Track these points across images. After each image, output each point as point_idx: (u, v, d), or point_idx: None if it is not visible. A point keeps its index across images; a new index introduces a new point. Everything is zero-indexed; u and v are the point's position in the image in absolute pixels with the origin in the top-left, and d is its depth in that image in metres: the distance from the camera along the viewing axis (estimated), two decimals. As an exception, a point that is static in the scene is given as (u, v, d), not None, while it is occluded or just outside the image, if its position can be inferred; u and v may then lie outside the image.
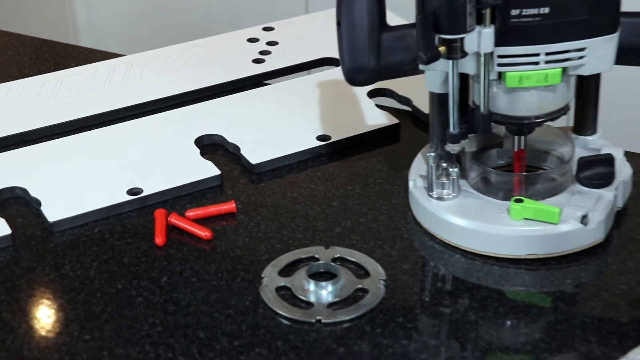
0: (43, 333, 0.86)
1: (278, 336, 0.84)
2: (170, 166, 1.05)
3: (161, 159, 1.07)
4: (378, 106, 1.15)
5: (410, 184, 0.99)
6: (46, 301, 0.90)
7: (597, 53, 0.89)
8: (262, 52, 1.27)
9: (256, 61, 1.25)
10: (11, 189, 1.03)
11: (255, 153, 1.07)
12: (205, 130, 1.11)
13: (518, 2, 0.86)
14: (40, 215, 1.00)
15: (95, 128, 1.13)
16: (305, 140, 1.09)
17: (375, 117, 1.13)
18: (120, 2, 2.48)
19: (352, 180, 1.05)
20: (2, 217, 0.99)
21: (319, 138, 1.09)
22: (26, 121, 1.14)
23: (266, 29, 1.33)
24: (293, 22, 1.34)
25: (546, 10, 0.86)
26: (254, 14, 1.79)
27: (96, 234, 0.98)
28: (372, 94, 1.17)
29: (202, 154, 1.08)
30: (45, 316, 0.88)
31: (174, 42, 1.31)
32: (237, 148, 1.08)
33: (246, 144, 1.08)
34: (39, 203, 1.00)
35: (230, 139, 1.09)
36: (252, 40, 1.30)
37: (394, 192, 1.02)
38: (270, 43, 1.29)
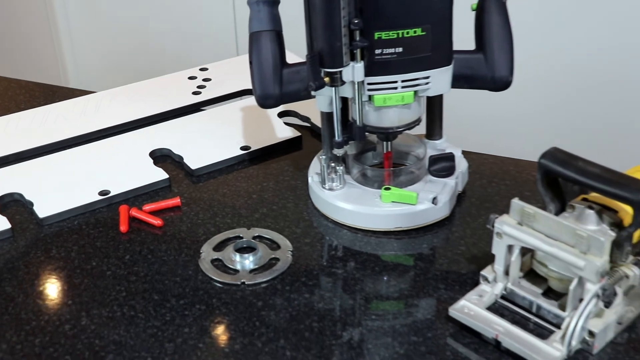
0: (36, 301, 0.85)
1: (213, 295, 0.84)
2: (130, 173, 1.04)
3: (124, 167, 1.05)
4: (285, 123, 1.15)
5: (310, 179, 0.99)
6: (38, 277, 0.88)
7: (438, 80, 0.90)
8: (199, 87, 1.26)
9: (195, 93, 1.24)
10: (11, 194, 1.01)
11: (195, 161, 1.06)
12: (157, 145, 1.10)
13: (380, 44, 0.86)
14: (33, 213, 0.98)
15: (74, 147, 1.11)
16: (232, 150, 1.09)
17: (283, 132, 1.13)
18: (97, 50, 2.46)
19: (267, 178, 1.05)
20: (4, 215, 0.97)
21: (242, 148, 1.09)
22: (22, 143, 1.12)
23: (202, 69, 1.32)
24: (222, 64, 1.34)
25: (400, 49, 0.87)
26: (195, 57, 1.78)
27: (76, 226, 0.97)
28: (281, 115, 1.17)
29: (155, 163, 1.06)
30: (37, 288, 0.87)
31: (134, 80, 1.30)
32: (181, 158, 1.07)
33: (188, 155, 1.08)
34: (31, 204, 0.99)
35: (176, 151, 1.08)
36: (191, 77, 1.29)
37: (298, 186, 1.02)
38: (205, 79, 1.28)
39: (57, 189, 1.02)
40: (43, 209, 0.98)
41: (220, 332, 0.80)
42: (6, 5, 2.53)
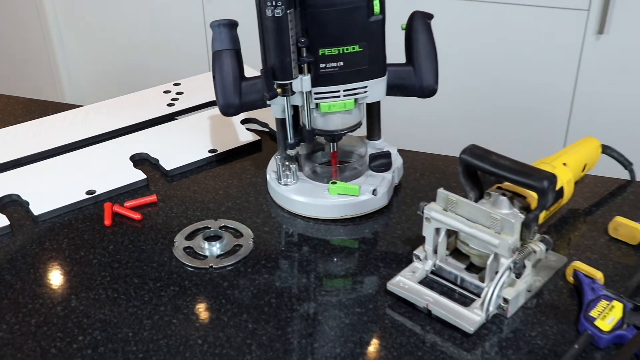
0: (32, 287, 0.83)
1: (185, 278, 0.84)
2: (113, 175, 1.03)
3: (108, 170, 1.04)
4: (247, 129, 1.14)
5: (268, 176, 0.99)
6: (34, 266, 0.87)
7: (374, 89, 0.90)
8: (173, 99, 1.25)
9: (169, 105, 1.23)
10: (9, 195, 1.00)
11: (169, 163, 1.05)
12: (136, 150, 1.09)
13: (324, 59, 0.86)
14: (28, 211, 0.97)
15: (65, 153, 1.10)
16: (201, 152, 1.08)
17: (245, 136, 1.12)
18: (88, 69, 2.44)
19: (231, 176, 1.04)
20: (4, 213, 0.96)
21: (210, 151, 1.08)
22: (19, 151, 1.10)
23: (176, 84, 1.31)
24: (193, 79, 1.33)
25: (341, 63, 0.87)
26: (169, 73, 1.77)
27: (66, 221, 0.95)
28: (243, 121, 1.16)
29: (135, 166, 1.05)
30: (33, 276, 0.85)
31: (119, 94, 1.28)
32: (157, 160, 1.06)
33: (163, 158, 1.07)
34: (27, 203, 0.97)
35: (153, 155, 1.07)
36: (166, 91, 1.28)
37: (258, 182, 1.02)
38: (178, 93, 1.27)
39: (49, 189, 1.00)
40: (37, 208, 0.96)
41: (192, 310, 0.79)
42: (8, 32, 2.49)
